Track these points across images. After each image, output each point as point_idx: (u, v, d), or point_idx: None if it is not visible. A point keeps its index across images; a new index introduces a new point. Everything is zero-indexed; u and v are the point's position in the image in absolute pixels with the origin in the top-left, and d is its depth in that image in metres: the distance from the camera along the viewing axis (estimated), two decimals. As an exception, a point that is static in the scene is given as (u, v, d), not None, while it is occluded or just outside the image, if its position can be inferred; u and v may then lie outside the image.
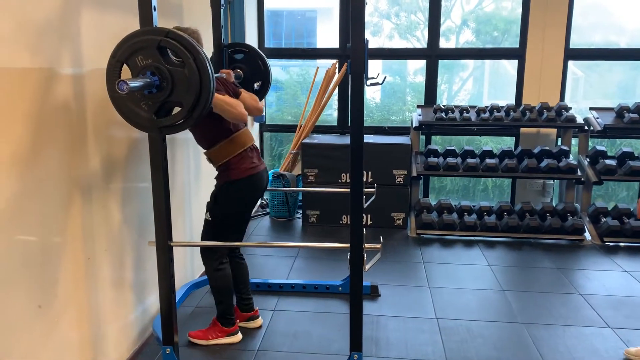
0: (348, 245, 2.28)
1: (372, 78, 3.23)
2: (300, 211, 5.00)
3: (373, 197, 3.38)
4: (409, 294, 3.47)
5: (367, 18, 5.60)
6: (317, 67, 5.14)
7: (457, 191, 5.83)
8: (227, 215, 2.74)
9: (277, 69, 5.83)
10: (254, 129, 5.15)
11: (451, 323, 3.07)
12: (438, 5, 5.00)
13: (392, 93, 5.91)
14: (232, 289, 2.85)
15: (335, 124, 5.43)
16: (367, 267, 2.28)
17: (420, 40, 5.58)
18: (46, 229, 1.95)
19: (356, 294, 2.31)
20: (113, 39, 1.95)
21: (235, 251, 2.97)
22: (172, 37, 1.90)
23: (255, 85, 3.28)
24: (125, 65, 1.91)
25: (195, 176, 3.57)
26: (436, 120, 4.77)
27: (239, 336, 2.86)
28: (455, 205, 4.85)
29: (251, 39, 4.94)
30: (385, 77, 3.16)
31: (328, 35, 5.63)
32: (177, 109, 1.98)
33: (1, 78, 1.70)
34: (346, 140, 4.89)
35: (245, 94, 2.84)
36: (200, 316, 3.13)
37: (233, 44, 3.32)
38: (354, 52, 2.10)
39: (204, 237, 2.79)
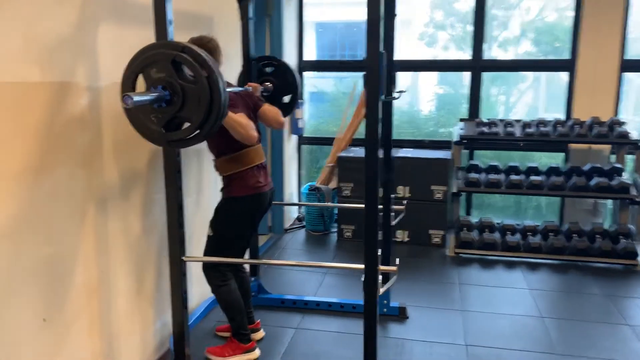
0: (362, 266, 2.18)
1: (402, 91, 3.12)
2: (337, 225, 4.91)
3: (402, 215, 3.27)
4: (439, 317, 3.31)
5: (422, 29, 5.51)
6: (357, 81, 5.06)
7: (506, 209, 5.55)
8: (226, 232, 2.71)
9: (322, 80, 5.79)
10: (291, 140, 5.12)
11: (481, 351, 2.89)
12: (482, 16, 4.82)
13: (444, 105, 5.70)
14: (241, 303, 2.79)
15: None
16: (381, 290, 2.17)
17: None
18: (57, 240, 1.96)
19: (370, 318, 2.20)
20: (131, 53, 1.95)
21: (237, 265, 2.93)
22: (187, 52, 1.88)
23: (285, 98, 3.25)
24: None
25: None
26: (478, 134, 4.58)
27: (256, 353, 2.81)
28: (497, 224, 4.63)
29: (290, 52, 4.93)
30: (403, 91, 3.06)
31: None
32: (187, 124, 1.96)
33: (12, 92, 1.72)
34: (384, 154, 4.78)
35: (267, 107, 2.81)
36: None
37: (262, 57, 3.30)
38: (369, 67, 2.01)
39: (206, 253, 2.77)
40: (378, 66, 2.01)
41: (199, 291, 3.21)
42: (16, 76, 1.74)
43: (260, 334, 3.02)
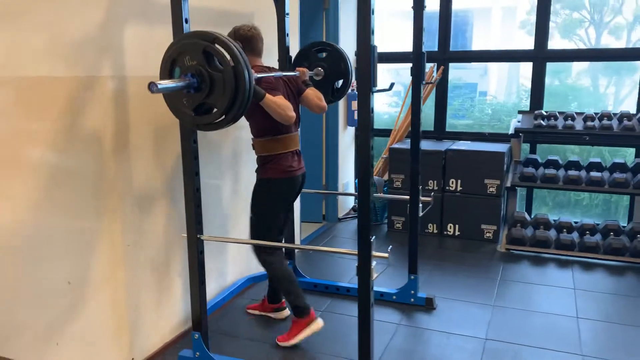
0: (356, 252, 2.26)
1: (429, 82, 3.13)
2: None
3: (430, 206, 3.28)
4: (468, 310, 3.29)
5: (524, 17, 5.24)
6: (432, 66, 5.03)
7: (579, 206, 5.24)
8: (262, 212, 2.87)
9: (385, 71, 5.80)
10: (347, 131, 5.23)
11: (499, 345, 2.86)
12: (548, 3, 4.60)
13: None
14: (292, 276, 2.90)
15: (432, 129, 5.26)
16: (375, 275, 2.25)
17: (583, 39, 5.08)
18: (82, 216, 2.25)
19: (364, 304, 2.28)
20: (157, 48, 2.21)
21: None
22: (218, 43, 2.06)
23: (338, 83, 3.31)
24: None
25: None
26: (534, 127, 4.41)
27: (319, 322, 2.87)
28: (554, 221, 4.45)
29: (347, 43, 5.01)
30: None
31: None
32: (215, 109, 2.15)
33: (37, 85, 2.01)
34: (439, 145, 4.76)
35: (310, 91, 2.92)
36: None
37: (316, 43, 3.36)
38: (360, 60, 2.08)
39: (250, 234, 2.96)
40: (369, 59, 2.08)
41: (234, 269, 3.44)
42: (40, 71, 2.02)
43: (285, 312, 3.18)
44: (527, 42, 4.88)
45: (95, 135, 2.29)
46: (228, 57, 2.05)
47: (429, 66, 4.98)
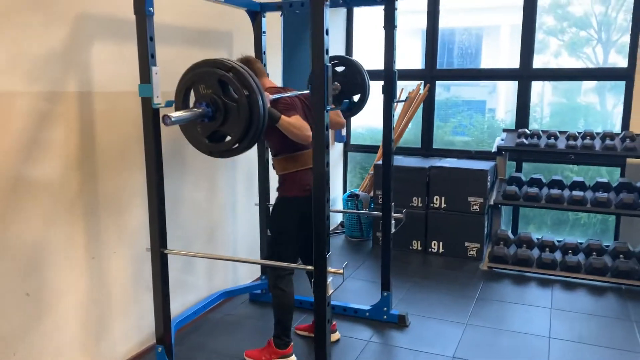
0: (312, 267, 2.28)
1: (400, 100, 3.16)
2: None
3: (402, 223, 3.30)
4: (440, 328, 3.28)
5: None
6: (402, 89, 5.09)
7: (562, 225, 5.22)
8: (278, 231, 2.83)
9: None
10: (335, 147, 5.26)
11: (466, 364, 2.85)
12: (532, 21, 4.64)
13: (555, 115, 5.24)
14: (290, 310, 2.84)
15: (420, 145, 5.28)
16: (330, 291, 2.26)
17: (591, 58, 5.01)
18: (45, 228, 2.30)
19: (320, 319, 2.29)
20: (128, 65, 2.33)
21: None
22: (234, 72, 2.10)
23: (355, 98, 3.29)
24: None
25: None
26: (516, 145, 4.42)
27: (292, 359, 2.87)
28: (537, 239, 4.43)
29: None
30: (401, 100, 3.09)
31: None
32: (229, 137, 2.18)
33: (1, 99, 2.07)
34: (424, 162, 4.77)
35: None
36: (228, 325, 3.31)
37: (334, 57, 3.31)
38: (315, 79, 2.12)
39: (267, 251, 2.91)
40: (324, 78, 2.11)
41: (207, 283, 3.46)
42: (1, 86, 2.08)
43: (336, 336, 3.11)
44: (536, 61, 4.82)
45: (59, 149, 2.34)
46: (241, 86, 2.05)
47: (415, 84, 5.03)
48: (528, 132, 4.52)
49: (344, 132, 5.26)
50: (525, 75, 4.74)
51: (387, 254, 3.31)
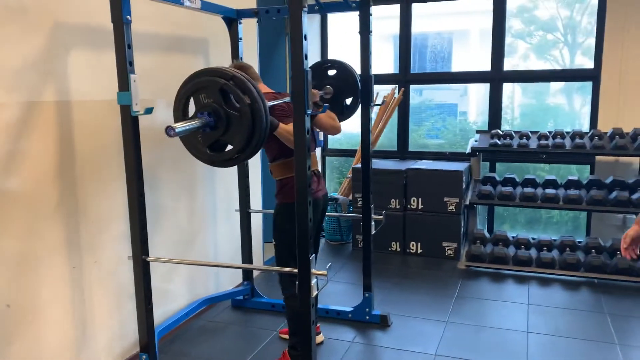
0: (296, 270, 2.31)
1: (378, 104, 3.22)
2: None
3: (382, 224, 3.35)
4: (422, 326, 3.33)
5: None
6: (377, 93, 5.15)
7: (536, 223, 5.36)
8: (282, 239, 2.77)
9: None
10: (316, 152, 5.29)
11: (448, 361, 2.91)
12: (502, 25, 4.76)
13: (526, 117, 5.33)
14: None
15: (396, 149, 5.36)
16: (314, 292, 2.29)
17: (558, 60, 5.13)
18: (27, 239, 2.28)
19: (305, 321, 2.31)
20: (106, 73, 2.31)
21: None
22: (235, 81, 2.08)
23: (347, 101, 3.31)
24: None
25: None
26: (490, 146, 4.52)
27: None
28: (512, 237, 4.54)
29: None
30: (379, 104, 3.14)
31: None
32: (230, 146, 2.17)
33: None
34: (401, 165, 4.84)
35: (322, 114, 2.86)
36: (209, 331, 3.31)
37: (324, 61, 3.35)
38: (295, 83, 2.16)
39: (276, 261, 2.86)
40: (303, 83, 2.15)
41: (189, 290, 3.45)
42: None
43: (320, 338, 3.11)
44: (505, 64, 4.92)
45: (38, 159, 2.32)
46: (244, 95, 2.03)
47: (390, 88, 5.11)
48: (501, 132, 4.63)
49: (321, 136, 5.30)
50: (496, 77, 4.86)
51: (367, 255, 3.35)
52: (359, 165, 4.84)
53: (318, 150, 5.46)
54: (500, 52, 4.81)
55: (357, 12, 3.11)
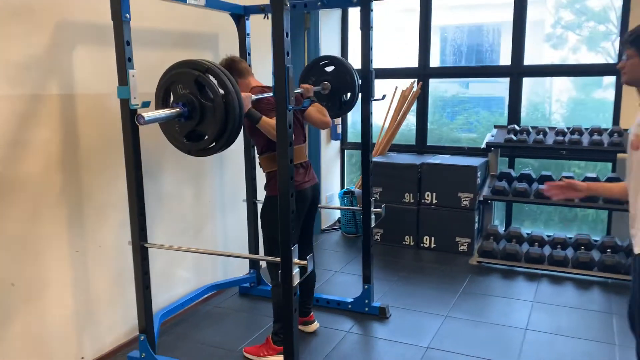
0: (279, 259, 2.39)
1: (378, 99, 3.27)
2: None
3: (381, 217, 3.39)
4: (420, 320, 3.36)
5: (548, 30, 5.19)
6: (396, 87, 5.17)
7: (555, 220, 5.21)
8: (270, 230, 2.81)
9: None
10: (329, 146, 5.36)
11: (438, 354, 2.93)
12: (522, 18, 4.68)
13: (576, 112, 5.09)
14: None
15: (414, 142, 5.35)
16: (295, 282, 2.37)
17: (610, 52, 4.90)
18: (30, 222, 2.45)
19: (288, 310, 2.39)
20: (111, 69, 2.43)
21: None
22: (210, 73, 2.20)
23: (345, 96, 3.39)
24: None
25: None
26: (505, 141, 4.47)
27: None
28: (527, 234, 4.48)
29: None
30: (379, 99, 3.20)
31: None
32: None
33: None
34: (416, 159, 4.85)
35: (312, 108, 2.94)
36: (214, 316, 3.45)
37: (322, 57, 3.46)
38: (277, 79, 2.23)
39: (264, 251, 2.94)
40: (285, 79, 2.22)
41: (196, 277, 3.59)
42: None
43: (314, 325, 3.21)
44: (553, 56, 4.86)
45: (42, 149, 2.49)
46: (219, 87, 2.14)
47: (409, 82, 5.11)
48: (517, 128, 4.56)
49: (339, 130, 5.36)
50: (516, 72, 4.78)
51: (367, 247, 3.41)
52: (376, 159, 4.92)
53: (335, 143, 5.52)
54: (520, 46, 4.72)
55: (370, 8, 3.12)
